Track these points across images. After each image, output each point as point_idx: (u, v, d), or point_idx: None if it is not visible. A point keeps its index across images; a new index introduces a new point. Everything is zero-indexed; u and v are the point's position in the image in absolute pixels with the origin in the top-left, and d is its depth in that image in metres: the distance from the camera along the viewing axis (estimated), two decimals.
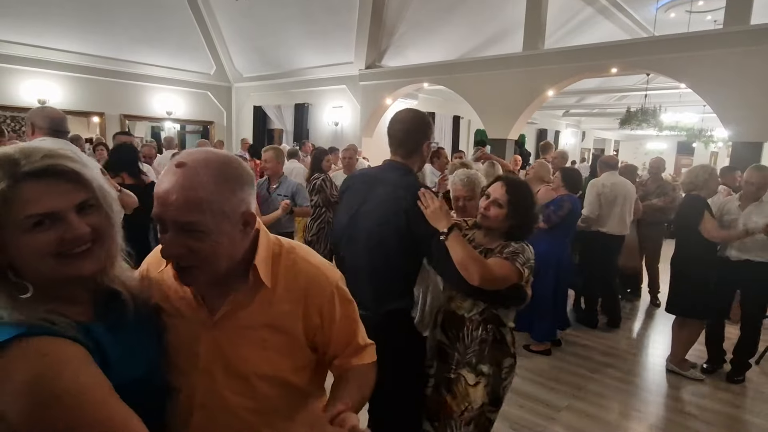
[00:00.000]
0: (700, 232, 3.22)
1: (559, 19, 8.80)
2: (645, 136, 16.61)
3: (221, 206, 0.85)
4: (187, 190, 0.83)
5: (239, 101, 12.00)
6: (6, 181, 0.71)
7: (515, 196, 1.82)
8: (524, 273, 1.73)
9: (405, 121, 1.78)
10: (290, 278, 0.98)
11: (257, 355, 0.95)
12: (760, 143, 5.60)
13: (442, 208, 1.67)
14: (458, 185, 2.42)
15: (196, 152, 0.89)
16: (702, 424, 2.95)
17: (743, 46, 5.57)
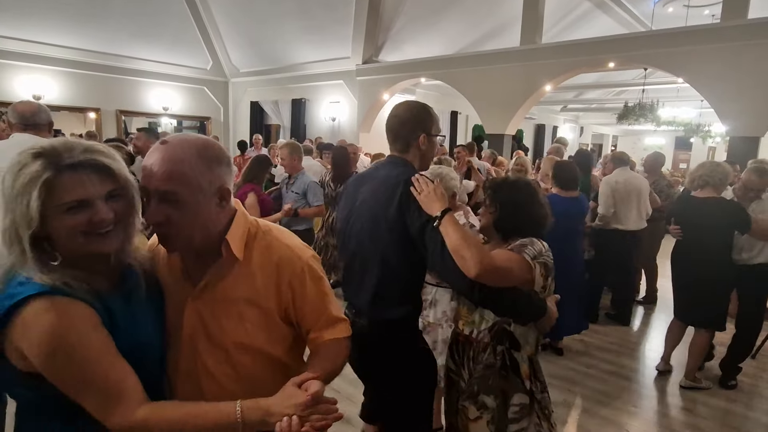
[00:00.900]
0: (728, 239, 3.02)
1: (556, 13, 8.76)
2: (643, 131, 16.60)
3: (198, 179, 0.97)
4: (169, 163, 0.95)
5: (236, 96, 11.95)
6: (50, 171, 0.86)
7: (499, 195, 1.66)
8: (535, 267, 1.49)
9: (399, 113, 1.67)
10: (264, 256, 1.07)
11: (235, 326, 1.04)
12: (756, 138, 5.60)
13: (437, 190, 1.46)
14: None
15: (178, 134, 1.04)
16: (698, 419, 2.96)
17: (740, 40, 5.56)
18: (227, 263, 1.04)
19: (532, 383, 1.55)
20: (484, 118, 8.05)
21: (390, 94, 9.23)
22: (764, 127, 5.54)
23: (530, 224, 1.62)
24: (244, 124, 11.76)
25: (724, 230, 3.00)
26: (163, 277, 1.10)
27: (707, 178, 3.03)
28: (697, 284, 3.09)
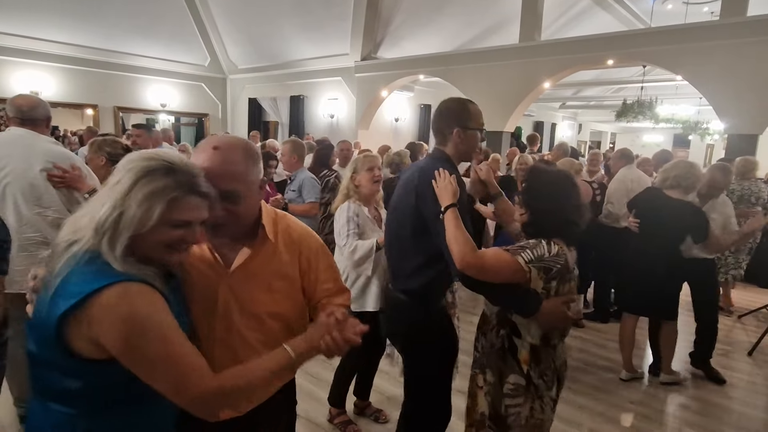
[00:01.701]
0: (682, 238, 3.05)
1: (555, 10, 8.75)
2: (641, 128, 16.59)
3: (249, 176, 1.16)
4: (227, 165, 1.12)
5: (234, 93, 11.92)
6: (180, 191, 0.96)
7: (529, 183, 1.70)
8: (528, 271, 1.54)
9: (439, 107, 1.85)
10: (286, 235, 1.28)
11: (265, 297, 1.22)
12: (755, 135, 5.60)
13: (451, 185, 1.64)
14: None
15: (223, 137, 1.20)
16: (695, 415, 2.98)
17: (740, 37, 5.55)
18: (259, 244, 1.22)
19: (531, 369, 1.64)
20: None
21: (388, 90, 9.21)
22: (762, 125, 5.55)
23: (549, 219, 1.63)
24: (242, 121, 11.74)
25: (681, 233, 3.03)
26: (191, 265, 1.19)
27: (680, 179, 3.00)
28: (647, 276, 3.08)
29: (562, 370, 1.75)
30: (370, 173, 2.43)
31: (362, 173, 2.44)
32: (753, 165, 4.57)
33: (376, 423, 2.75)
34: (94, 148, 2.78)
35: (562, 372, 1.74)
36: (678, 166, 3.08)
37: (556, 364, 1.69)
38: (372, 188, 2.45)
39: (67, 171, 2.27)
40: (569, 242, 1.65)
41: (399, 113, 10.52)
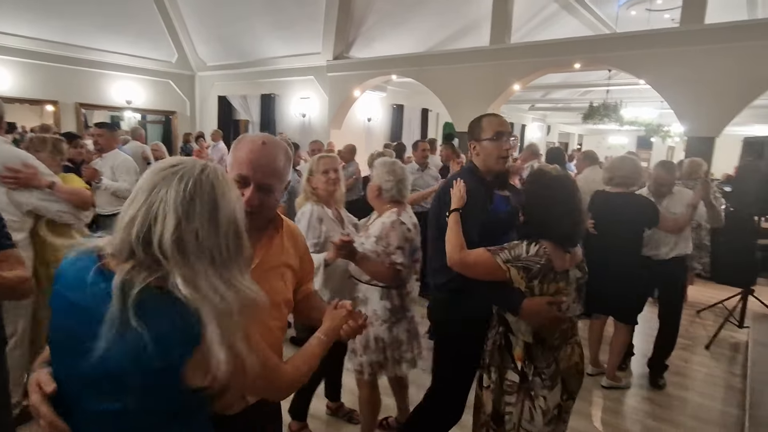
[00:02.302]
0: (639, 234, 3.11)
1: (525, 13, 8.91)
2: (607, 130, 17.10)
3: (285, 175, 1.27)
4: (271, 161, 1.23)
5: (203, 91, 11.66)
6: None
7: (525, 186, 1.84)
8: (506, 270, 1.62)
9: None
10: (287, 229, 1.39)
11: (280, 285, 1.31)
12: (712, 138, 5.85)
13: (459, 193, 1.85)
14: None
15: (266, 135, 1.29)
16: (657, 407, 3.09)
17: (698, 44, 5.78)
18: (272, 236, 1.32)
19: (526, 366, 1.68)
20: (454, 116, 8.11)
21: (361, 90, 9.19)
22: (719, 128, 5.79)
23: (535, 222, 1.69)
24: (211, 118, 11.49)
25: (635, 225, 3.08)
26: None
27: (625, 178, 3.11)
28: (610, 277, 3.01)
29: (570, 375, 1.72)
30: (326, 176, 2.34)
31: (317, 175, 2.36)
32: (699, 166, 4.81)
33: (349, 423, 2.74)
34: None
35: (569, 377, 1.72)
36: (622, 165, 3.18)
37: (559, 366, 1.69)
38: (329, 190, 2.35)
39: (19, 171, 2.17)
40: (563, 244, 1.66)
41: (372, 113, 10.51)
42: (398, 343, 2.23)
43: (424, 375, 2.36)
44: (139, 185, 0.87)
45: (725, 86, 5.63)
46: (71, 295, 0.87)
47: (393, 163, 2.27)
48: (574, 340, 1.75)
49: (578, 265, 1.73)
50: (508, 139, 1.87)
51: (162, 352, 0.80)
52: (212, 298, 0.83)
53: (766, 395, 2.72)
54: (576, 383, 1.75)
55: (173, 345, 0.81)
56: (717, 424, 2.93)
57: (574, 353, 1.74)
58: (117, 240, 0.85)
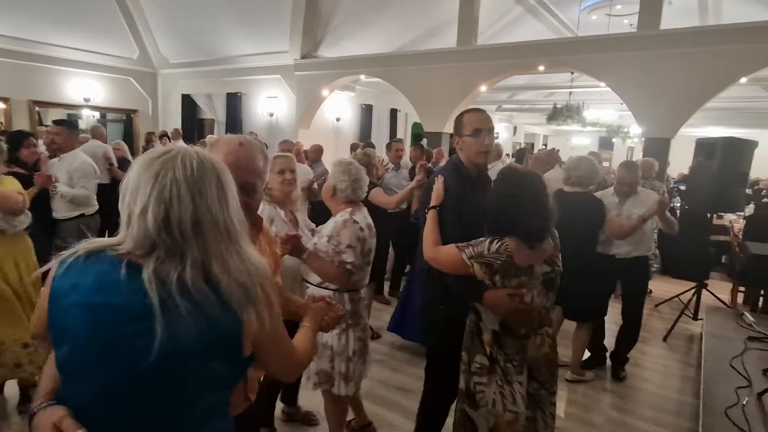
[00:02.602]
0: (594, 233, 3.17)
1: (491, 16, 9.05)
2: (571, 131, 17.61)
3: (264, 174, 1.29)
4: (252, 161, 1.24)
5: (166, 89, 11.33)
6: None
7: (496, 184, 1.85)
8: (470, 265, 1.71)
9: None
10: (264, 227, 1.47)
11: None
12: (668, 139, 6.10)
13: (437, 191, 1.96)
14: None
15: (241, 136, 1.29)
16: (618, 399, 3.20)
17: (654, 49, 6.02)
18: (255, 238, 1.33)
19: (496, 352, 1.78)
20: (422, 117, 8.17)
21: (329, 90, 9.13)
22: (674, 129, 6.05)
23: (494, 219, 1.78)
24: (175, 117, 11.18)
25: (589, 225, 3.13)
26: None
27: (581, 178, 3.19)
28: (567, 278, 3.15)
29: (539, 366, 1.78)
30: (281, 176, 2.27)
31: (272, 175, 2.27)
32: (651, 165, 5.10)
33: (308, 426, 2.72)
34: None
35: (538, 367, 1.78)
36: (578, 165, 3.25)
37: (527, 354, 1.77)
38: (284, 191, 2.30)
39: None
40: (528, 240, 1.71)
41: (340, 113, 10.46)
42: (347, 353, 2.16)
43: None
44: (136, 177, 0.85)
45: (679, 90, 5.88)
46: (100, 298, 0.83)
47: (348, 163, 2.24)
48: (544, 332, 1.80)
49: (547, 260, 1.77)
50: (487, 135, 1.93)
51: (220, 324, 0.85)
52: (239, 272, 0.87)
53: (718, 384, 2.85)
54: (546, 373, 1.80)
55: (225, 319, 0.86)
56: (674, 413, 3.06)
57: (543, 344, 1.79)
58: (134, 232, 0.84)
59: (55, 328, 0.87)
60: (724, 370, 3.03)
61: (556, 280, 1.81)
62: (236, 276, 0.86)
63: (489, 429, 1.77)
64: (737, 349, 3.29)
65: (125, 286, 0.82)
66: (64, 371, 0.87)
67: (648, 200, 3.36)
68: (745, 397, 2.65)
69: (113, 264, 0.84)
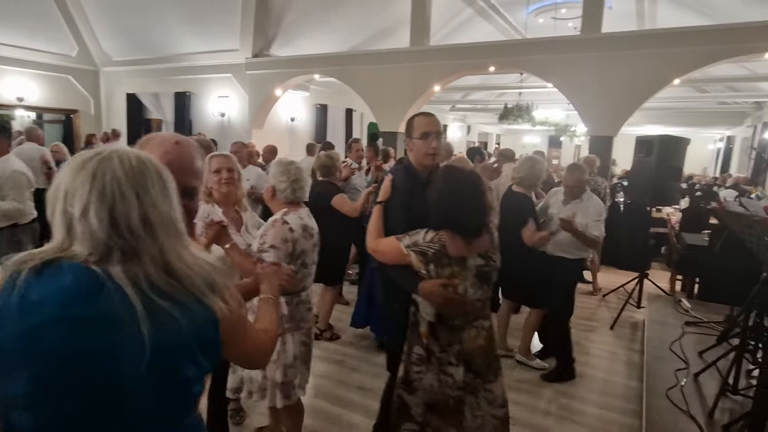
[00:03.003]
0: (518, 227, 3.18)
1: (442, 17, 9.20)
2: (521, 130, 18.20)
3: (203, 175, 1.18)
4: (192, 162, 1.11)
5: (109, 88, 10.79)
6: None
7: (437, 181, 1.90)
8: (407, 254, 1.80)
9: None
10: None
11: None
12: (610, 137, 6.41)
13: (384, 188, 2.06)
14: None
15: (176, 134, 1.16)
16: (569, 386, 3.32)
17: (596, 51, 6.31)
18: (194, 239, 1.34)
19: (432, 343, 1.85)
20: (377, 116, 8.19)
21: (283, 89, 8.99)
22: (616, 128, 6.36)
23: (433, 214, 1.83)
24: (119, 117, 10.66)
25: (517, 220, 3.19)
26: None
27: (523, 179, 3.37)
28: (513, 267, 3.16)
29: (474, 356, 1.83)
30: (217, 175, 2.24)
31: (209, 175, 2.24)
32: (594, 162, 5.32)
33: (236, 426, 2.71)
34: None
35: (472, 358, 1.83)
36: (521, 168, 3.41)
37: (463, 346, 1.83)
38: (221, 190, 2.25)
39: None
40: (464, 234, 1.77)
41: (295, 113, 10.32)
42: (285, 359, 2.05)
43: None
44: (69, 179, 0.80)
45: (620, 90, 6.20)
46: (76, 310, 0.77)
47: (288, 164, 2.19)
48: (479, 324, 1.85)
49: (482, 254, 1.81)
50: (435, 138, 2.00)
51: (198, 315, 0.86)
52: (197, 265, 0.88)
53: (659, 368, 3.03)
54: (481, 363, 1.85)
55: (200, 310, 0.87)
56: (621, 396, 3.21)
57: (479, 336, 1.84)
58: (81, 237, 0.79)
59: (6, 348, 0.76)
60: (664, 354, 3.22)
61: (491, 275, 1.85)
62: (195, 269, 0.87)
63: (423, 405, 1.88)
64: (676, 333, 3.51)
65: (100, 293, 0.78)
66: (25, 400, 0.77)
67: (588, 210, 3.29)
68: (683, 378, 2.82)
69: (76, 273, 0.78)
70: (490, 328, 1.91)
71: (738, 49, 5.63)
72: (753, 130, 11.90)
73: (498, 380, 1.90)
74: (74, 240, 0.80)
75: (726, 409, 2.48)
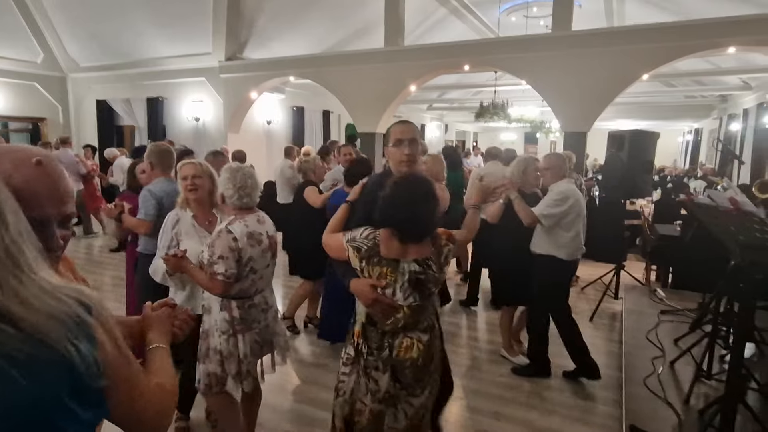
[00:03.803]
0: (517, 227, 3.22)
1: (416, 17, 9.24)
2: (498, 127, 18.40)
3: (72, 195, 0.93)
4: (64, 183, 0.88)
5: (78, 94, 10.51)
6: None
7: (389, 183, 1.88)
8: (346, 249, 1.79)
9: None
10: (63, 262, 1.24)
11: None
12: (584, 132, 6.54)
13: (357, 189, 2.10)
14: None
15: (36, 149, 0.88)
16: (553, 379, 3.36)
17: (567, 49, 6.43)
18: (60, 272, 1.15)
19: (361, 344, 1.83)
20: (355, 117, 8.18)
21: (258, 92, 8.90)
22: (589, 123, 6.50)
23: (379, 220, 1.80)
24: (89, 125, 10.40)
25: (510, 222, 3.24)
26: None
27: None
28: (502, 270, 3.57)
29: (403, 367, 1.77)
30: (184, 182, 2.34)
31: (180, 181, 2.36)
32: (570, 158, 5.28)
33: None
34: None
35: (401, 368, 1.77)
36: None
37: (392, 353, 1.76)
38: (189, 197, 2.35)
39: None
40: (399, 236, 1.73)
41: (271, 116, 10.23)
42: (237, 356, 2.15)
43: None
44: None
45: (591, 86, 6.33)
46: None
47: (236, 171, 2.19)
48: (415, 336, 1.79)
49: (420, 261, 1.76)
50: (408, 145, 2.01)
51: (51, 369, 0.66)
52: (43, 302, 0.67)
53: (637, 356, 3.10)
54: (409, 376, 1.78)
55: (51, 359, 0.66)
56: (602, 387, 3.27)
57: (412, 348, 1.77)
58: None
59: None
60: (641, 342, 3.30)
61: (428, 285, 1.77)
62: (40, 307, 0.66)
63: (342, 418, 1.86)
64: (652, 322, 3.60)
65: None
66: None
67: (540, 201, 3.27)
68: (660, 366, 2.90)
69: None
70: (430, 343, 1.81)
71: (702, 45, 5.81)
72: (719, 122, 12.30)
73: (424, 394, 1.83)
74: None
75: (701, 394, 2.56)
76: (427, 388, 1.83)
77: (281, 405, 3.01)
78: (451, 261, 1.94)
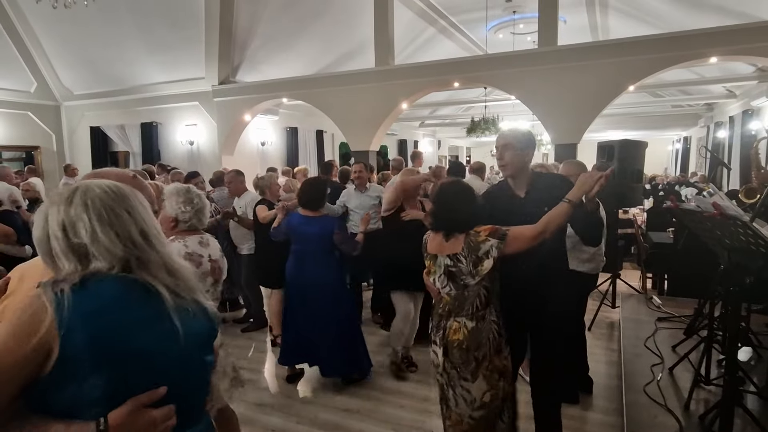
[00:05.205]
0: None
1: (405, 37, 9.42)
2: (490, 142, 18.56)
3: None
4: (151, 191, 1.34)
5: (71, 122, 10.57)
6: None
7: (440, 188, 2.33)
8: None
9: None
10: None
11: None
12: (574, 144, 6.63)
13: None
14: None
15: (125, 170, 1.30)
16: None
17: (554, 63, 6.57)
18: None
19: (432, 320, 2.19)
20: (348, 136, 8.26)
21: (252, 115, 8.99)
22: (579, 135, 6.60)
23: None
24: (84, 152, 10.43)
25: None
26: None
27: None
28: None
29: (451, 347, 2.07)
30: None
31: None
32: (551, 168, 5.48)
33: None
34: None
35: (451, 348, 2.08)
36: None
37: (445, 333, 2.10)
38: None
39: None
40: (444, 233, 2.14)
41: (265, 137, 10.31)
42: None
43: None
44: (62, 215, 0.92)
45: (580, 99, 6.45)
46: (133, 314, 0.90)
47: (188, 191, 2.11)
48: (461, 321, 2.05)
49: (451, 255, 2.06)
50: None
51: (200, 312, 1.04)
52: (184, 269, 1.06)
53: (635, 364, 3.10)
54: (458, 356, 2.04)
55: (201, 307, 1.05)
56: (602, 396, 3.28)
57: (459, 331, 2.04)
58: (105, 255, 0.90)
59: (78, 357, 0.82)
60: (639, 350, 3.30)
61: (460, 276, 2.06)
62: (185, 271, 1.03)
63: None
64: (649, 330, 3.61)
65: (148, 296, 0.92)
66: (107, 403, 0.85)
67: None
68: (659, 373, 2.90)
69: (121, 282, 0.90)
70: (476, 330, 2.02)
71: (684, 56, 5.95)
72: (706, 130, 12.50)
73: (477, 383, 2.01)
74: (91, 262, 0.90)
75: (701, 400, 2.56)
76: (477, 376, 2.00)
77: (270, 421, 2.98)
78: (497, 255, 1.97)
